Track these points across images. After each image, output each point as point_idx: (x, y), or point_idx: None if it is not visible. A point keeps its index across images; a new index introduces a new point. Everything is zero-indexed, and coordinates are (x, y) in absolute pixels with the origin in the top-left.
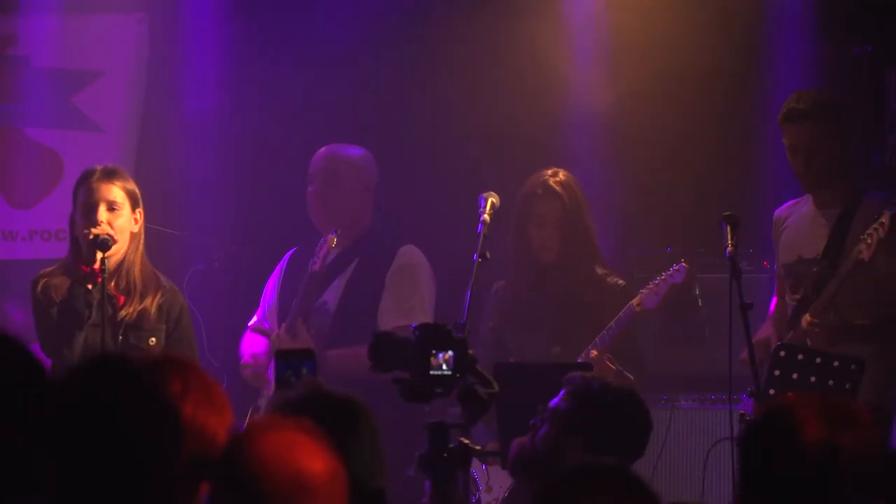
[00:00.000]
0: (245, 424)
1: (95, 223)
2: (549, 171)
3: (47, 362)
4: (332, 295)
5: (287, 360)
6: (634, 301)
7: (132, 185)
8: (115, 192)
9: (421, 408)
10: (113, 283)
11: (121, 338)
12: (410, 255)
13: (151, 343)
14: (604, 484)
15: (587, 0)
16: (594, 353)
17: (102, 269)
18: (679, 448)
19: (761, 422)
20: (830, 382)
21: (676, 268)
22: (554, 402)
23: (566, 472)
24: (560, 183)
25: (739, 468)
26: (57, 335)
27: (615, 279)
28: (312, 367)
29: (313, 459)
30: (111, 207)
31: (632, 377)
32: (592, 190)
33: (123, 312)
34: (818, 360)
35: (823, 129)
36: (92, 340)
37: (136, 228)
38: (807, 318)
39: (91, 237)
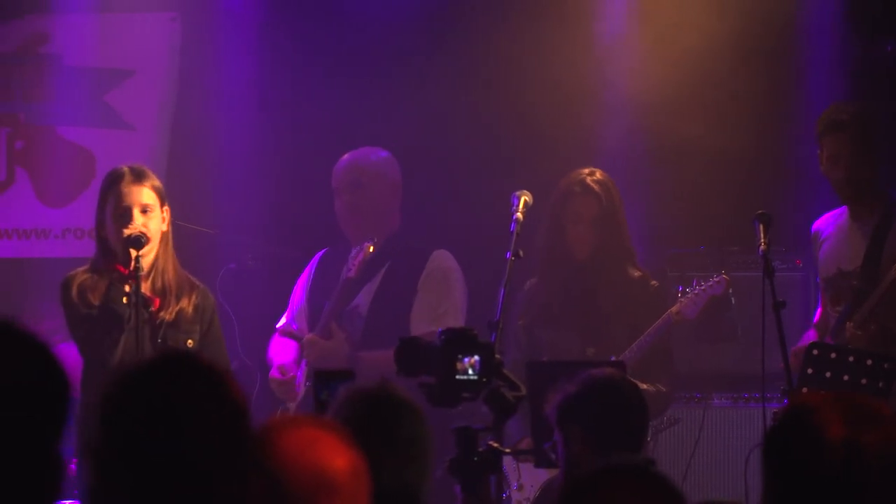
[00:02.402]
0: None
1: (132, 226)
2: (587, 170)
3: (71, 364)
4: (363, 299)
5: (325, 381)
6: (674, 309)
7: (159, 183)
8: (147, 194)
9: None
10: (148, 284)
11: (160, 339)
12: (443, 259)
13: (189, 344)
14: (629, 483)
15: (621, 1)
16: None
17: (136, 268)
18: (712, 447)
19: (783, 421)
20: (863, 381)
21: (717, 279)
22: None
23: (591, 472)
24: (597, 182)
25: (763, 468)
26: (98, 338)
27: (648, 279)
28: None
29: (335, 456)
30: (144, 210)
31: (663, 388)
32: (625, 189)
33: (163, 314)
34: (851, 358)
35: (862, 141)
36: (130, 342)
37: (165, 227)
38: (849, 327)
39: (125, 236)
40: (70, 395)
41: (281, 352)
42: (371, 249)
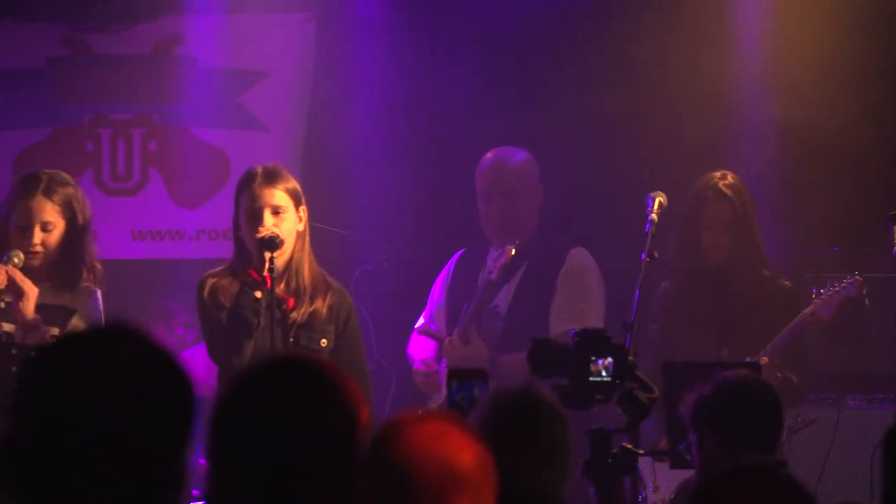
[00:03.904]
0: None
1: (263, 229)
2: (719, 174)
3: (200, 371)
4: (502, 299)
5: (460, 381)
6: (808, 310)
7: (293, 184)
8: (278, 195)
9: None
10: (282, 285)
11: (292, 339)
12: (581, 257)
13: (323, 344)
14: (759, 484)
15: (754, 3)
16: (765, 360)
17: (271, 269)
18: (847, 448)
19: None
20: None
21: (850, 280)
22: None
23: (721, 473)
24: (729, 186)
25: (883, 471)
26: (225, 342)
27: (781, 281)
28: (484, 388)
29: (462, 450)
30: (276, 212)
31: (795, 380)
32: (758, 190)
33: (295, 314)
34: None
35: None
36: (261, 343)
37: (301, 227)
38: None
39: (258, 237)
40: (193, 399)
41: (421, 349)
42: (512, 252)
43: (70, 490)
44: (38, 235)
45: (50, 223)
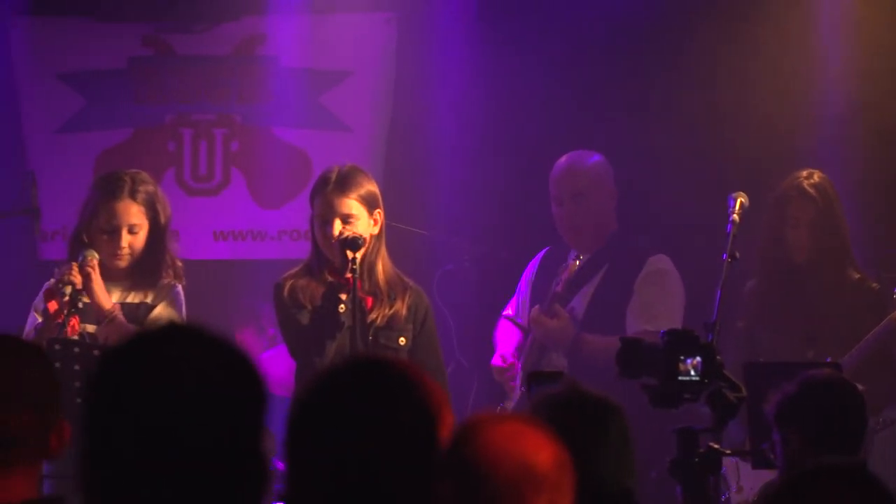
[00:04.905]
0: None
1: (331, 236)
2: (805, 173)
3: (283, 372)
4: (580, 302)
5: (539, 384)
6: (894, 315)
7: (367, 188)
8: (349, 204)
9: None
10: (358, 285)
11: (371, 338)
12: (661, 262)
13: (401, 343)
14: (839, 484)
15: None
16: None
17: (353, 269)
18: None
19: None
20: None
21: None
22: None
23: (801, 472)
24: (814, 185)
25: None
26: (308, 342)
27: (868, 282)
28: None
29: (540, 450)
30: (346, 220)
31: (882, 388)
32: (840, 189)
33: (374, 315)
34: None
35: None
36: (343, 343)
37: (375, 230)
38: None
39: (340, 238)
40: (265, 397)
41: (506, 339)
42: (577, 264)
43: (143, 493)
44: (125, 238)
45: (136, 225)
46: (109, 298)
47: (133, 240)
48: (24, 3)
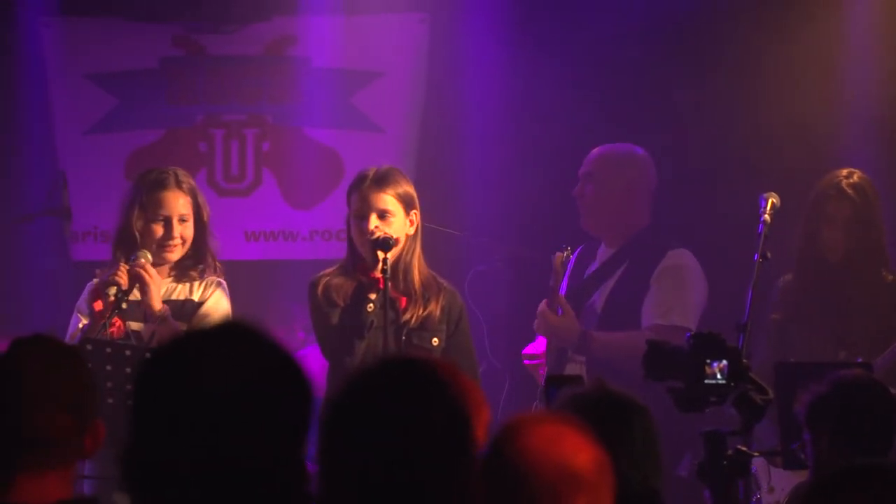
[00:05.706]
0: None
1: (368, 232)
2: (845, 172)
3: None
4: (599, 297)
5: (557, 387)
6: None
7: (404, 188)
8: (386, 200)
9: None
10: (391, 285)
11: (404, 338)
12: (679, 256)
13: (434, 343)
14: (870, 484)
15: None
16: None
17: (384, 270)
18: None
19: None
20: None
21: None
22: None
23: (832, 472)
24: (852, 185)
25: None
26: (338, 342)
27: None
28: None
29: (579, 451)
30: (382, 216)
31: None
32: (884, 191)
33: (408, 315)
34: None
35: None
36: (374, 342)
37: (411, 231)
38: None
39: (372, 238)
40: (311, 398)
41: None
42: (560, 260)
43: (189, 492)
44: (177, 228)
45: (185, 215)
46: (160, 299)
47: (184, 230)
48: (55, 4)
